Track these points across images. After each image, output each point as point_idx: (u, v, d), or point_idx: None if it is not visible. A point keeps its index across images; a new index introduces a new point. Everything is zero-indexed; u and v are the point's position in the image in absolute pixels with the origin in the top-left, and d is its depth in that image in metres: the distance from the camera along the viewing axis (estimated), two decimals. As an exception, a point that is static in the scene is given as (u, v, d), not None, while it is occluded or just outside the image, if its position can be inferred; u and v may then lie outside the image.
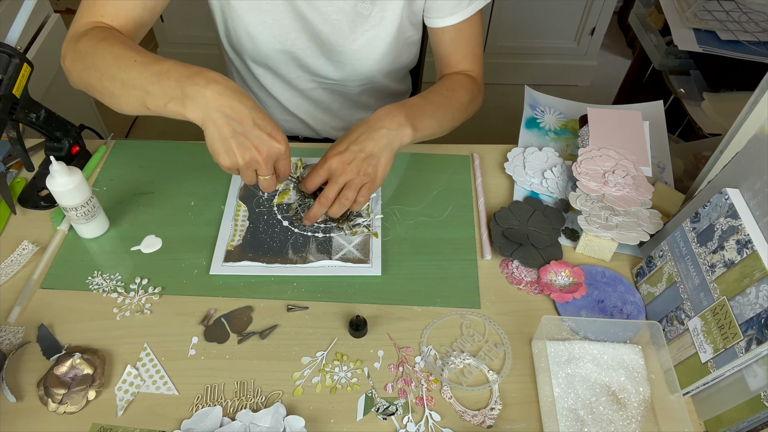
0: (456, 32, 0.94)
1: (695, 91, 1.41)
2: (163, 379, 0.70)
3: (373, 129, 0.78)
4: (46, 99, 1.41)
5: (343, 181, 0.77)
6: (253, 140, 0.66)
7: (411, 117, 0.81)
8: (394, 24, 0.92)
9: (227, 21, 0.95)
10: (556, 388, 0.70)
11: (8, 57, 0.77)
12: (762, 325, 0.58)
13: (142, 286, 0.78)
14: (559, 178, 0.93)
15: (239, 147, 0.66)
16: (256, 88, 1.08)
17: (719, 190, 0.68)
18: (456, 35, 0.94)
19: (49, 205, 0.87)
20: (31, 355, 0.71)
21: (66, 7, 2.75)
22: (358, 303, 0.77)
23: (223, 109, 0.65)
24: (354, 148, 0.77)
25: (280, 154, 0.69)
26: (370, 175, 0.78)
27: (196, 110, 0.66)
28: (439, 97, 0.89)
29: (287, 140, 0.69)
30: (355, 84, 1.03)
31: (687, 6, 1.43)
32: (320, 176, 0.78)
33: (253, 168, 0.69)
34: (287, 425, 0.65)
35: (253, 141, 0.66)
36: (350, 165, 0.77)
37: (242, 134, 0.66)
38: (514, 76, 2.45)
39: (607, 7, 2.20)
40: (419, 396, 0.69)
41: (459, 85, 0.94)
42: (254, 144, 0.66)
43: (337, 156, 0.77)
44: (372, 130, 0.78)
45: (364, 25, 0.92)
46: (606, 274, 0.82)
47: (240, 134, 0.66)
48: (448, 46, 0.96)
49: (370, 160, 0.78)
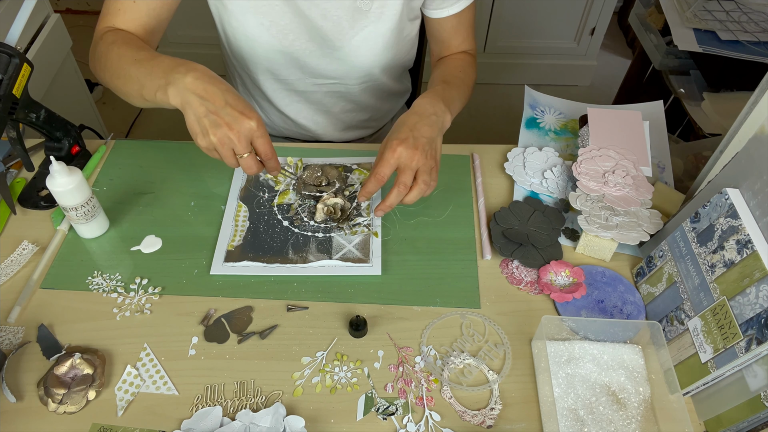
0: (457, 19, 0.98)
1: (695, 91, 1.41)
2: (163, 379, 0.70)
3: (425, 116, 0.82)
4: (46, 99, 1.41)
5: (415, 167, 0.78)
6: (225, 118, 0.69)
7: (447, 103, 0.87)
8: (393, 19, 0.93)
9: (225, 26, 0.95)
10: (556, 388, 0.70)
11: (8, 57, 0.77)
12: (762, 325, 0.58)
13: (142, 286, 0.78)
14: (559, 178, 0.93)
15: (212, 125, 0.69)
16: (258, 96, 1.09)
17: (719, 190, 0.68)
18: (457, 22, 0.98)
19: (49, 205, 0.87)
20: (31, 355, 0.71)
21: (66, 7, 2.76)
22: (358, 303, 0.77)
23: (198, 91, 0.70)
24: (416, 134, 0.79)
25: (252, 131, 0.70)
26: (435, 159, 0.81)
27: (176, 96, 0.71)
28: (457, 80, 0.95)
29: (260, 118, 0.71)
30: (355, 82, 1.03)
31: (687, 6, 1.43)
32: (390, 165, 0.78)
33: (228, 147, 0.71)
34: (287, 425, 0.65)
35: (225, 118, 0.69)
36: (417, 150, 0.78)
37: (214, 113, 0.69)
38: (514, 76, 2.45)
39: (607, 7, 2.20)
40: (419, 396, 0.69)
41: (467, 65, 1.00)
42: (226, 121, 0.69)
43: (403, 143, 0.78)
44: (425, 116, 0.82)
45: (363, 20, 0.92)
46: (606, 274, 0.82)
47: (212, 113, 0.69)
48: (449, 32, 1.00)
49: (432, 143, 0.81)
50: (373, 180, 0.79)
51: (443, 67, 0.99)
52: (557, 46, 2.37)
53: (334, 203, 0.86)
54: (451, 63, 1.00)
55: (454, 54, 1.02)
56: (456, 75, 0.96)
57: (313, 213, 0.87)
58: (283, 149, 0.98)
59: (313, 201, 0.88)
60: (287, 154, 0.96)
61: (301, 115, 1.09)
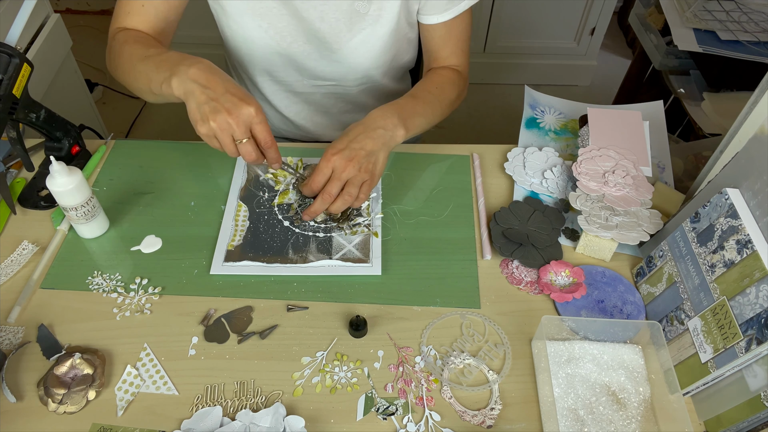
0: (446, 29, 0.95)
1: (695, 91, 1.41)
2: (163, 379, 0.70)
3: (370, 128, 0.81)
4: (46, 99, 1.41)
5: (345, 178, 0.78)
6: (225, 104, 0.70)
7: (403, 117, 0.85)
8: (391, 22, 0.92)
9: (224, 27, 0.96)
10: (556, 388, 0.70)
11: (8, 57, 0.77)
12: (762, 325, 0.58)
13: (142, 286, 0.78)
14: (559, 178, 0.93)
15: (211, 111, 0.71)
16: (257, 97, 1.09)
17: (719, 190, 0.68)
18: (446, 32, 0.96)
19: (49, 205, 0.87)
20: (31, 355, 0.71)
21: (66, 7, 2.75)
22: (358, 303, 0.77)
23: (200, 80, 0.72)
24: (354, 146, 0.79)
25: (251, 116, 0.71)
26: (371, 172, 0.80)
27: (179, 86, 0.73)
28: (429, 96, 0.93)
29: (259, 105, 0.72)
30: (353, 84, 1.03)
31: (687, 6, 1.43)
32: (324, 174, 0.79)
33: (227, 132, 0.71)
34: (287, 425, 0.65)
35: (225, 105, 0.70)
36: (351, 162, 0.78)
37: (214, 99, 0.71)
38: (514, 76, 2.45)
39: (607, 7, 2.20)
40: (419, 396, 0.69)
41: (447, 81, 0.97)
42: (225, 107, 0.70)
43: (338, 154, 0.78)
44: (369, 129, 0.81)
45: (361, 23, 0.92)
46: (606, 274, 0.82)
47: (213, 99, 0.71)
48: (438, 42, 0.98)
49: (370, 157, 0.80)
50: (306, 189, 0.81)
51: (423, 80, 0.97)
52: (557, 46, 2.37)
53: (334, 203, 0.86)
54: (431, 78, 0.97)
55: (441, 68, 0.99)
56: (429, 91, 0.93)
57: (313, 213, 0.87)
58: (283, 149, 0.97)
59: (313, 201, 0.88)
60: (287, 154, 0.96)
61: (300, 116, 1.09)
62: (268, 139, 0.74)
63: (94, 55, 2.50)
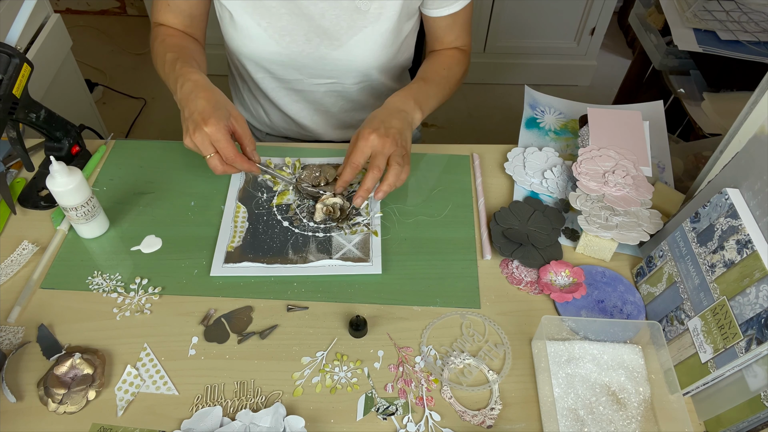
0: (452, 19, 0.98)
1: (695, 91, 1.41)
2: (163, 379, 0.70)
3: (395, 111, 0.87)
4: (46, 99, 1.41)
5: (387, 153, 0.82)
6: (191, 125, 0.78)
7: (419, 101, 0.91)
8: (392, 20, 0.93)
9: (226, 27, 0.96)
10: (556, 388, 0.70)
11: (8, 57, 0.77)
12: (762, 325, 0.58)
13: (142, 286, 0.78)
14: (559, 178, 0.93)
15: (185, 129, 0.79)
16: (258, 95, 1.09)
17: (719, 190, 0.68)
18: (452, 21, 0.99)
19: (49, 205, 0.87)
20: (31, 355, 0.71)
21: (66, 7, 2.75)
22: (358, 303, 0.77)
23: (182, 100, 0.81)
24: (387, 125, 0.83)
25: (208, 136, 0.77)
26: (406, 148, 0.85)
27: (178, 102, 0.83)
28: (439, 77, 0.98)
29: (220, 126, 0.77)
30: (353, 82, 1.03)
31: (687, 6, 1.43)
32: (364, 154, 0.82)
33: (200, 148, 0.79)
34: (287, 425, 0.65)
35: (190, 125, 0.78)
36: (389, 138, 0.81)
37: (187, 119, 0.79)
38: (514, 76, 2.45)
39: (607, 7, 2.20)
40: (419, 396, 0.69)
41: (455, 62, 1.01)
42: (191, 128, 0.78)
43: (375, 132, 0.81)
44: (395, 111, 0.86)
45: (361, 20, 0.92)
46: (606, 274, 0.82)
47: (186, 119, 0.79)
48: (444, 30, 1.00)
49: (402, 134, 0.84)
50: (348, 168, 0.83)
51: (429, 62, 1.01)
52: (557, 46, 2.37)
53: (333, 203, 0.86)
54: (438, 59, 1.01)
55: (446, 49, 1.03)
56: (438, 72, 0.98)
57: (312, 213, 0.87)
58: (282, 149, 0.98)
59: (312, 201, 0.88)
60: (286, 154, 0.96)
61: (300, 115, 1.09)
62: (229, 156, 0.79)
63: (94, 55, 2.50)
